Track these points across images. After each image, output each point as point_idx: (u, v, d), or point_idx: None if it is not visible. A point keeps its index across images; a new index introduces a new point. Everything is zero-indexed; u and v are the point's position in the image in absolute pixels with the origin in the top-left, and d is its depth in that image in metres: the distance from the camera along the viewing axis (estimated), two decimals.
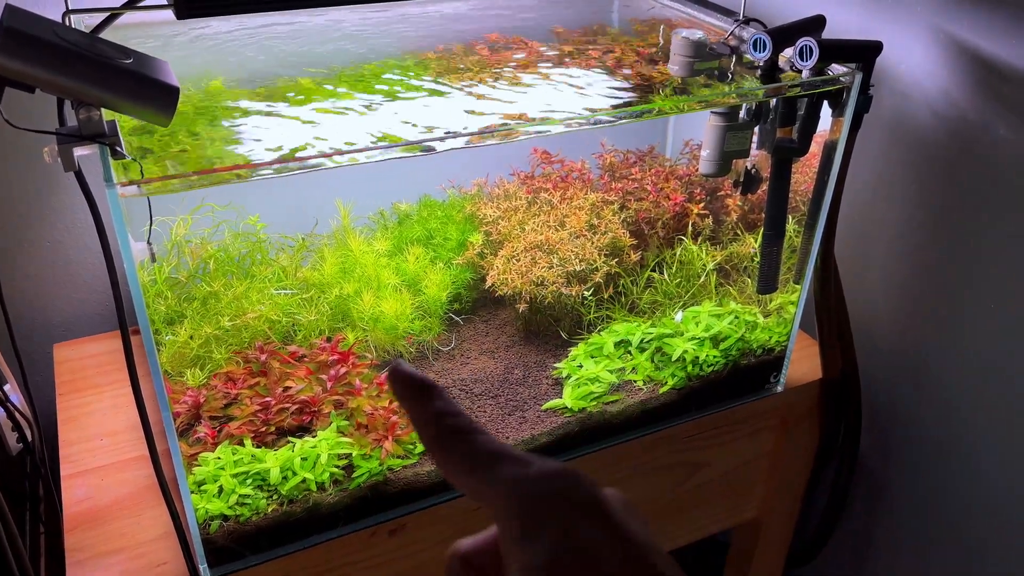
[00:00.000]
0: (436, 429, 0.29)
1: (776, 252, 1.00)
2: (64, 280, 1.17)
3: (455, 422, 0.29)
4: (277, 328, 0.95)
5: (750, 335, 1.06)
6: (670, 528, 1.17)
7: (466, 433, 0.29)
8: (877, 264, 1.15)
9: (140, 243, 0.75)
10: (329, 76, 0.91)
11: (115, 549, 0.87)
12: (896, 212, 1.10)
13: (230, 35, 0.97)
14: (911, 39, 1.01)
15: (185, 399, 0.87)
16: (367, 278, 1.02)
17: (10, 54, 0.58)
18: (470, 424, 0.29)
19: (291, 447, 0.86)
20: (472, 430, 0.29)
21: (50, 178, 1.09)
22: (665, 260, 1.08)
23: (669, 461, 1.09)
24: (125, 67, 0.62)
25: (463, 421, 0.29)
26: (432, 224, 1.12)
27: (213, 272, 0.94)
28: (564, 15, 1.17)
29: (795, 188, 0.99)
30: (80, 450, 0.99)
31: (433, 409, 0.30)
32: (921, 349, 1.11)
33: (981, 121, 0.96)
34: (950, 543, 1.15)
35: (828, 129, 0.95)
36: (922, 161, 1.05)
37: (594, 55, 0.99)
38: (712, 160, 0.96)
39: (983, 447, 1.06)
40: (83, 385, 1.09)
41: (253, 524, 0.83)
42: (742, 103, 0.93)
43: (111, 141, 0.64)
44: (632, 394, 1.02)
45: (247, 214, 0.98)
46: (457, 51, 0.99)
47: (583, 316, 1.06)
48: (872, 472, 1.24)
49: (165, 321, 0.93)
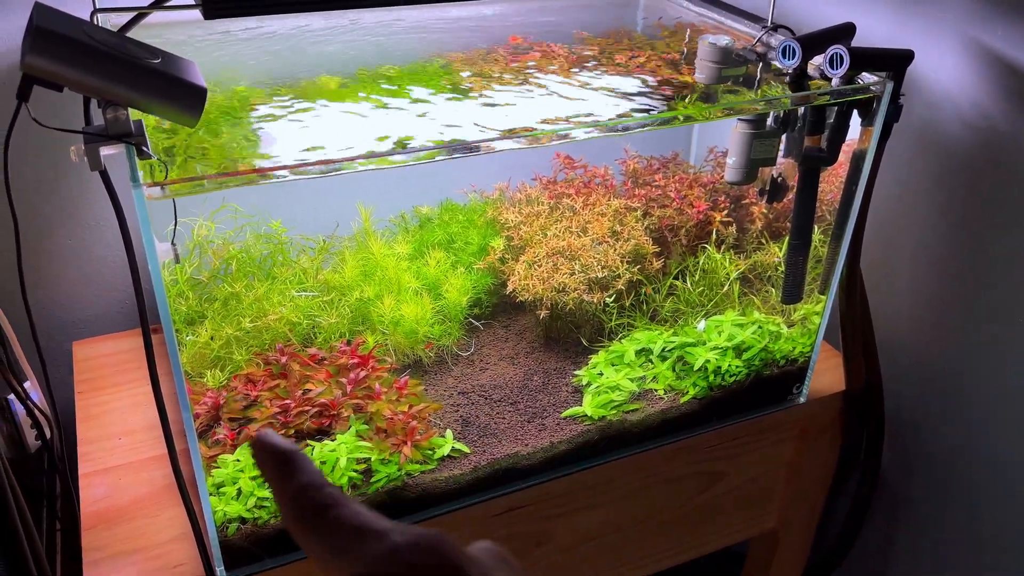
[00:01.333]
0: (296, 504, 0.28)
1: (802, 262, 0.98)
2: (85, 278, 1.17)
3: (317, 496, 0.28)
4: (297, 330, 0.95)
5: (773, 345, 1.05)
6: (687, 538, 1.16)
7: (327, 507, 0.27)
8: (902, 275, 1.13)
9: (164, 244, 0.74)
10: (352, 78, 0.90)
11: (132, 549, 0.86)
12: (922, 222, 1.09)
13: (254, 35, 0.97)
14: (942, 48, 1.00)
15: (205, 400, 0.87)
16: (388, 281, 1.01)
17: (41, 53, 0.57)
18: (332, 497, 0.28)
19: (310, 450, 0.86)
20: (333, 504, 0.27)
21: (73, 176, 1.09)
22: (688, 268, 1.07)
23: (689, 471, 1.08)
24: (154, 67, 0.62)
25: (325, 495, 0.28)
26: (453, 228, 1.12)
27: (235, 273, 0.94)
28: (588, 19, 1.16)
29: (821, 197, 0.98)
30: (98, 448, 0.99)
31: (295, 484, 0.28)
32: (946, 361, 1.10)
33: (1012, 132, 0.95)
34: (971, 559, 1.13)
35: (856, 138, 0.93)
36: (950, 171, 1.03)
37: (619, 60, 0.99)
38: (738, 168, 0.95)
39: (1008, 461, 1.04)
40: (102, 383, 1.09)
41: (271, 527, 0.83)
42: (770, 111, 0.92)
43: (138, 141, 0.64)
44: (653, 403, 1.01)
45: (269, 215, 0.98)
46: (480, 55, 0.99)
47: (604, 323, 1.05)
48: (893, 485, 1.22)
49: (185, 321, 0.92)
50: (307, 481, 0.28)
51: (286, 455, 0.28)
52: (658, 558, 1.16)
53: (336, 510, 0.27)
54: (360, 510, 0.27)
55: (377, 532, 0.26)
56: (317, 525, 0.27)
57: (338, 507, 0.27)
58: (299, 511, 0.27)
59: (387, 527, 0.27)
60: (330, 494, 0.28)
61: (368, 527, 0.27)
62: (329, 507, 0.27)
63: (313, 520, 0.27)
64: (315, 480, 0.28)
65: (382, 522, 0.27)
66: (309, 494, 0.28)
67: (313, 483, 0.28)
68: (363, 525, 0.27)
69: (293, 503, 0.28)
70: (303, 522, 0.27)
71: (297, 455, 0.28)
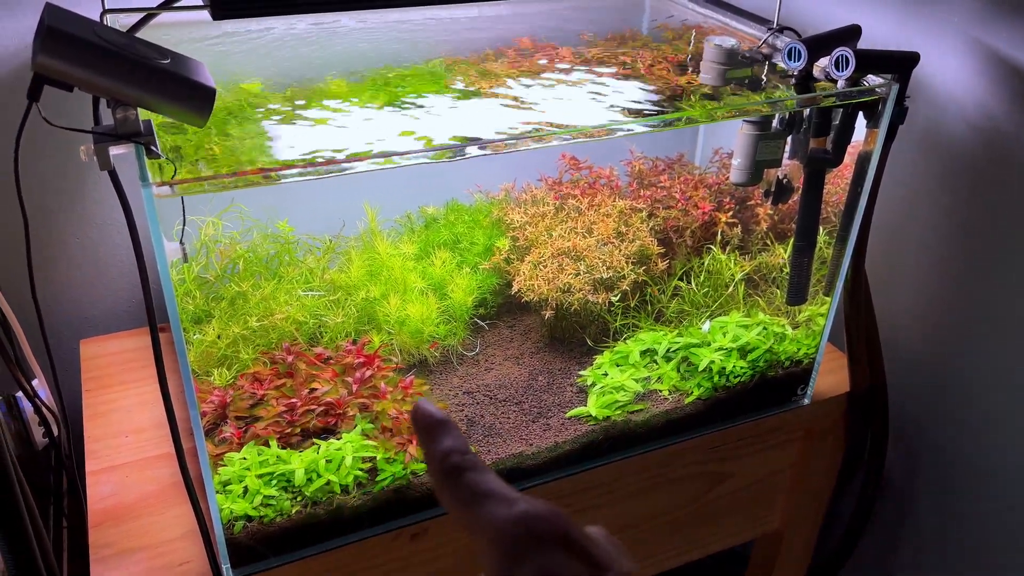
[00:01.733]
0: (439, 465, 0.31)
1: (807, 263, 0.99)
2: (93, 276, 1.18)
3: (459, 460, 0.31)
4: (304, 329, 0.96)
5: (778, 347, 1.05)
6: (691, 539, 1.16)
7: (465, 470, 0.31)
8: (906, 276, 1.13)
9: (172, 243, 0.75)
10: (360, 79, 0.91)
11: (138, 546, 0.87)
12: (926, 224, 1.09)
13: (261, 36, 0.98)
14: (947, 50, 1.00)
15: (212, 399, 0.87)
16: (393, 281, 1.01)
17: (52, 54, 0.58)
18: (471, 462, 0.31)
19: (316, 449, 0.86)
20: (471, 467, 0.31)
21: (82, 175, 1.10)
22: (693, 269, 1.07)
23: (692, 471, 1.08)
24: (163, 68, 0.62)
25: (466, 459, 0.31)
26: (459, 228, 1.12)
27: (242, 272, 0.95)
28: (594, 21, 1.16)
29: (826, 199, 0.98)
30: (105, 446, 0.99)
31: (441, 446, 0.32)
32: (950, 362, 1.10)
33: (1016, 134, 0.95)
34: (976, 560, 1.13)
35: (862, 140, 0.93)
36: (954, 173, 1.03)
37: (625, 60, 0.99)
38: (743, 169, 0.95)
39: (1013, 461, 1.04)
40: (109, 381, 1.09)
41: (277, 525, 0.83)
42: (775, 112, 0.92)
43: (147, 141, 0.65)
44: (657, 404, 1.01)
45: (276, 214, 0.99)
46: (487, 56, 0.99)
47: (609, 324, 1.05)
48: (898, 486, 1.22)
49: (193, 320, 0.93)
50: (452, 446, 0.32)
51: (437, 422, 0.33)
52: (662, 558, 1.16)
53: (474, 474, 0.31)
54: (494, 477, 0.31)
55: (507, 498, 0.30)
56: (457, 484, 0.31)
57: (476, 471, 0.31)
58: (443, 471, 0.31)
59: (516, 496, 0.30)
60: (471, 459, 0.31)
61: (500, 493, 0.30)
62: (468, 470, 0.31)
63: (454, 479, 0.31)
64: (460, 446, 0.32)
65: (513, 491, 0.30)
66: (453, 457, 0.31)
67: (458, 448, 0.32)
68: (496, 490, 0.30)
69: (439, 463, 0.31)
70: (445, 480, 0.31)
71: (447, 423, 0.33)
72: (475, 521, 0.30)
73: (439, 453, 0.32)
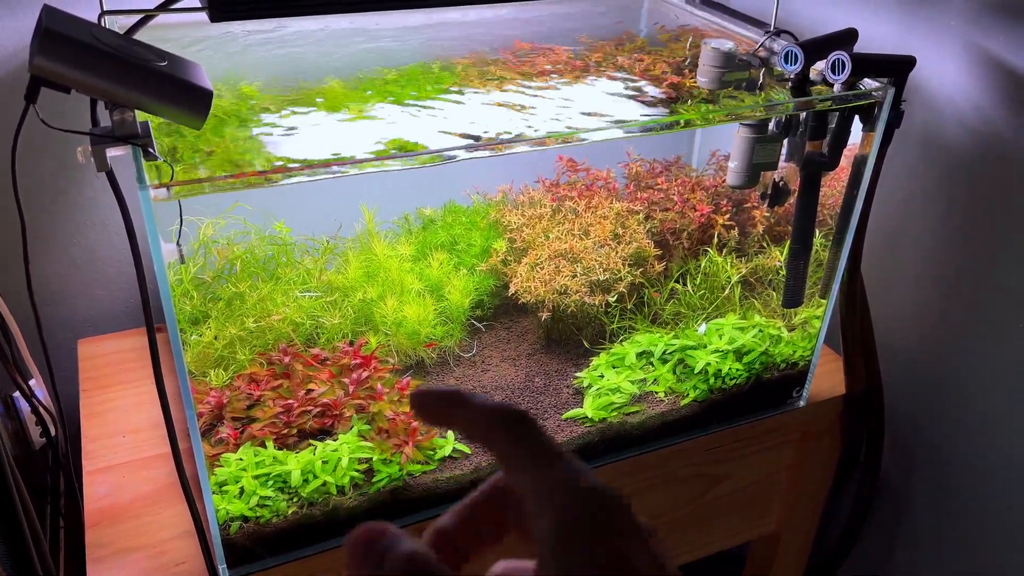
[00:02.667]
0: (491, 419, 0.29)
1: (803, 266, 0.99)
2: (90, 277, 1.18)
3: (513, 410, 0.29)
4: (301, 330, 0.96)
5: (774, 349, 1.05)
6: (687, 540, 1.17)
7: (530, 423, 0.29)
8: (903, 279, 1.13)
9: (169, 244, 0.75)
10: (357, 81, 0.91)
11: (135, 547, 0.87)
12: (923, 228, 1.09)
13: (260, 38, 0.98)
14: (944, 54, 1.00)
15: (208, 399, 0.88)
16: (390, 282, 1.02)
17: (49, 56, 0.58)
18: (526, 414, 0.30)
19: (312, 450, 0.86)
20: (532, 418, 0.29)
21: (80, 177, 1.10)
22: (689, 271, 1.08)
23: (688, 473, 1.08)
24: (160, 70, 0.63)
25: (518, 411, 0.30)
26: (456, 230, 1.12)
27: (239, 273, 0.95)
28: (592, 24, 1.16)
29: (823, 202, 0.98)
30: (102, 446, 0.99)
31: (480, 403, 0.30)
32: (946, 364, 1.10)
33: (1013, 137, 0.95)
34: (972, 561, 1.13)
35: (858, 143, 0.94)
36: (951, 176, 1.03)
37: (623, 64, 0.99)
38: (740, 172, 0.95)
39: (1009, 464, 1.05)
40: (106, 381, 1.10)
41: (273, 526, 0.83)
42: (772, 115, 0.93)
43: (144, 142, 0.65)
44: (653, 405, 1.01)
45: (274, 216, 0.99)
46: (484, 58, 0.99)
47: (605, 326, 1.05)
48: (894, 487, 1.23)
49: (190, 321, 0.93)
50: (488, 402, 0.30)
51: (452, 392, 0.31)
52: None
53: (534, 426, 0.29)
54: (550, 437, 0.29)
55: (577, 465, 0.28)
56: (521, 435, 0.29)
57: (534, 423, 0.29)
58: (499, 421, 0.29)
59: (563, 451, 0.29)
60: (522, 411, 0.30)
61: (565, 454, 0.28)
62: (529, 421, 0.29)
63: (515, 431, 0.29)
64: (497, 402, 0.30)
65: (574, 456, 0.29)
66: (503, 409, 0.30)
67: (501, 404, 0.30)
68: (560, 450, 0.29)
69: (484, 417, 0.30)
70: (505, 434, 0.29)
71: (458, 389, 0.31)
72: (547, 481, 0.27)
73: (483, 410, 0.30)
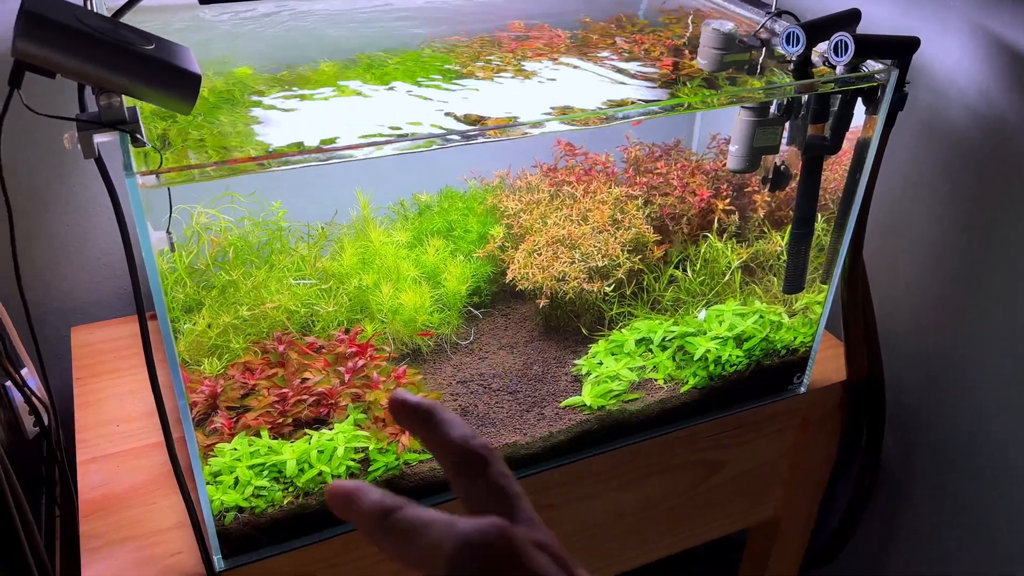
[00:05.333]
0: (370, 521, 0.30)
1: (804, 251, 0.98)
2: (82, 264, 1.16)
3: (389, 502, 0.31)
4: (295, 318, 0.95)
5: (774, 335, 1.04)
6: (687, 527, 1.16)
7: (396, 510, 0.30)
8: (905, 264, 1.12)
9: (159, 232, 0.74)
10: (352, 63, 0.89)
11: (129, 537, 0.86)
12: (926, 212, 1.08)
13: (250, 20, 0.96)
14: (948, 35, 0.99)
15: (202, 388, 0.87)
16: (386, 269, 1.00)
17: (31, 39, 0.56)
18: (398, 502, 0.31)
19: (308, 439, 0.85)
20: (400, 506, 0.30)
21: (69, 162, 1.09)
22: (689, 257, 1.06)
23: (688, 460, 1.07)
24: (147, 53, 0.61)
25: (395, 500, 0.31)
26: (453, 216, 1.11)
27: (233, 260, 0.93)
28: (591, 5, 1.14)
29: (824, 186, 0.97)
30: (96, 435, 0.98)
31: (366, 505, 0.31)
32: (948, 351, 1.09)
33: (1018, 121, 0.94)
34: (973, 548, 1.13)
35: (860, 126, 0.92)
36: (955, 160, 1.02)
37: (622, 45, 0.97)
38: (741, 156, 0.94)
39: (1009, 451, 1.04)
40: (100, 369, 1.08)
41: (268, 516, 0.82)
42: (773, 98, 0.91)
43: (132, 128, 0.63)
44: (652, 392, 1.00)
45: (267, 202, 0.97)
46: (481, 39, 0.98)
47: (604, 312, 1.04)
48: (894, 474, 1.22)
49: (184, 309, 0.92)
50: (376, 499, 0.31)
51: (349, 491, 0.31)
52: (657, 546, 1.16)
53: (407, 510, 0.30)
54: (425, 508, 0.30)
55: (448, 522, 0.29)
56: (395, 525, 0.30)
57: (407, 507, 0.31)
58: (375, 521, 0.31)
59: (453, 518, 0.30)
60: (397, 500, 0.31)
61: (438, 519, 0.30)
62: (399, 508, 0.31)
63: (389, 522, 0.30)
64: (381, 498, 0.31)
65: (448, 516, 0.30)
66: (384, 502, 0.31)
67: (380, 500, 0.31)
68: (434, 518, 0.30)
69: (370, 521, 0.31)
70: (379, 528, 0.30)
71: (359, 488, 0.32)
72: (424, 553, 0.29)
73: (367, 509, 0.31)
